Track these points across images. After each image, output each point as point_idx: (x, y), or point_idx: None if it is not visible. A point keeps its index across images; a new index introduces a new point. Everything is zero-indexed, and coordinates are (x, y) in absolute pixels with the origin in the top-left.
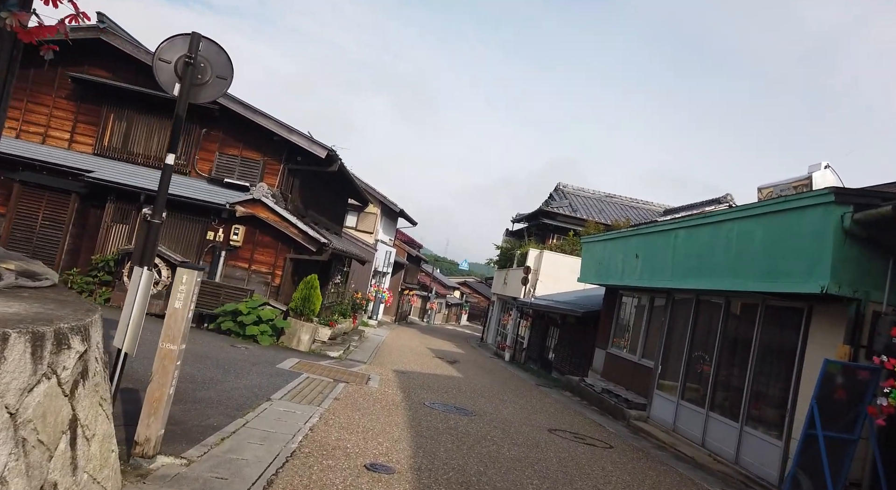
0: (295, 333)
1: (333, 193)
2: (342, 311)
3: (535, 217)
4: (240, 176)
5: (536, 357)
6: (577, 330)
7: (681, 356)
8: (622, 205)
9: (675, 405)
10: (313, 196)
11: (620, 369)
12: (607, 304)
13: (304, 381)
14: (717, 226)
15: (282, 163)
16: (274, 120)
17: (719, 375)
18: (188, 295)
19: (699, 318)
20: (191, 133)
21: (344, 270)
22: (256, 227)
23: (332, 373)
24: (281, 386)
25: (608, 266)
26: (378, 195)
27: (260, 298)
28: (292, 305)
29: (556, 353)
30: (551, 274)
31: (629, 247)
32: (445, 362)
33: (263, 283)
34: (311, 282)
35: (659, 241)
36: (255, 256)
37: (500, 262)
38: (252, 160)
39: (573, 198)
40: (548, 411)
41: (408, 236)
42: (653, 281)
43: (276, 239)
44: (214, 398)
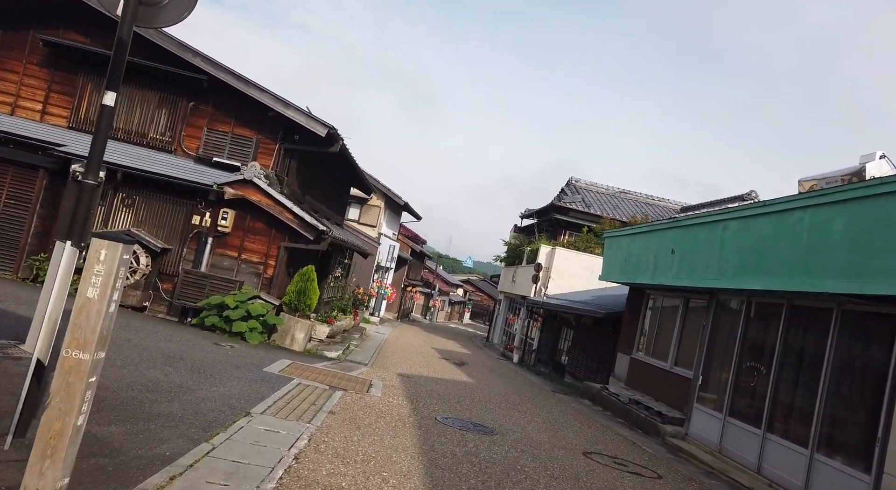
0: (288, 331)
1: (335, 180)
2: (342, 307)
3: (546, 212)
4: (230, 155)
5: (547, 360)
6: (594, 332)
7: (728, 366)
8: (637, 201)
9: (721, 422)
10: (312, 181)
11: (648, 377)
12: (632, 304)
13: (294, 388)
14: (782, 215)
15: (277, 142)
16: (269, 93)
17: (780, 392)
18: (110, 279)
19: (752, 323)
20: (176, 106)
21: (345, 263)
22: (247, 212)
23: (329, 377)
24: (265, 395)
25: (636, 263)
26: (382, 187)
27: (249, 291)
28: (286, 300)
29: (570, 357)
30: (564, 272)
31: (664, 241)
32: (453, 364)
33: (254, 275)
34: (307, 274)
35: (702, 234)
36: (245, 244)
37: (507, 259)
38: (244, 138)
39: (586, 193)
40: (573, 426)
41: (412, 231)
42: (693, 280)
43: (269, 225)
44: (177, 413)
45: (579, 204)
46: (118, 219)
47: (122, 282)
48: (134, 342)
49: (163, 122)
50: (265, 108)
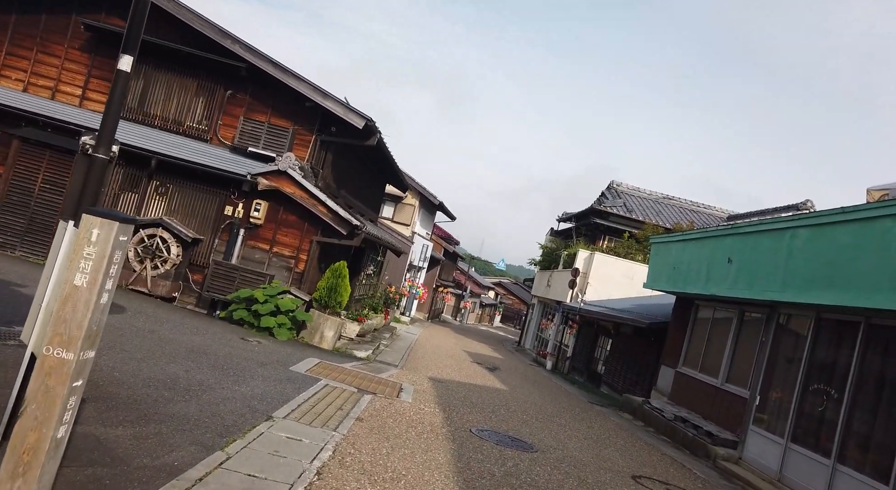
0: (318, 328)
1: (370, 176)
2: (373, 306)
3: (584, 216)
4: (266, 145)
5: (583, 368)
6: (634, 342)
7: (790, 387)
8: (681, 208)
9: (783, 448)
10: (348, 175)
11: (695, 393)
12: (679, 315)
13: (321, 389)
14: (867, 224)
15: (314, 133)
16: (307, 82)
17: (854, 419)
18: (102, 264)
19: (821, 341)
20: (214, 94)
21: (378, 260)
22: (280, 204)
23: (358, 379)
24: (290, 397)
25: (686, 271)
26: (417, 186)
27: (279, 285)
28: (316, 296)
29: (607, 367)
30: (603, 278)
31: (719, 249)
32: (485, 369)
33: (285, 269)
34: (339, 270)
35: (765, 242)
36: (277, 237)
37: (542, 262)
38: (280, 128)
39: (628, 197)
40: (616, 444)
41: (445, 232)
42: (752, 292)
43: (301, 218)
44: (193, 415)
45: (621, 208)
46: (151, 207)
47: (117, 267)
48: (158, 334)
49: (200, 110)
50: (302, 98)
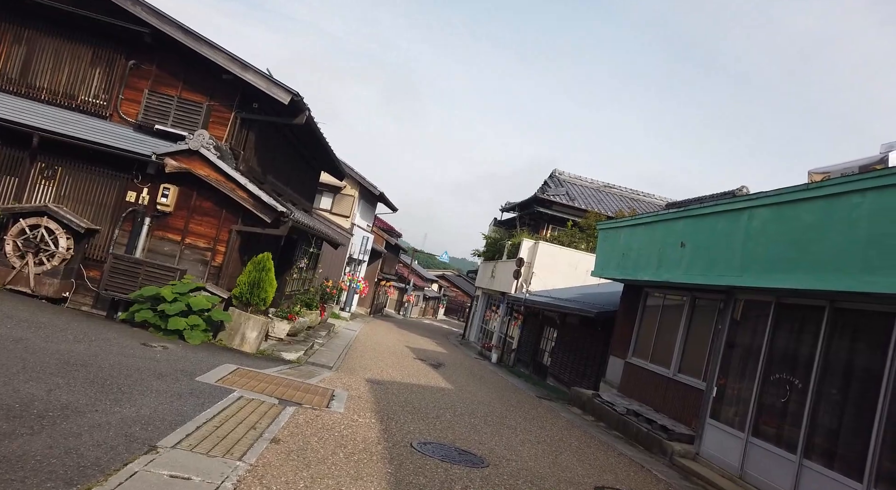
0: (238, 329)
1: (302, 162)
2: (307, 302)
3: (528, 205)
4: (176, 122)
5: (528, 360)
6: (581, 332)
7: (751, 377)
8: (622, 196)
9: (743, 443)
10: (276, 160)
11: (646, 384)
12: (627, 303)
13: (231, 404)
14: (834, 201)
15: (233, 110)
16: (223, 51)
17: (821, 411)
18: None
19: (782, 327)
20: (113, 65)
21: (312, 253)
22: (193, 189)
23: (281, 388)
24: (189, 417)
25: (637, 257)
26: (356, 176)
27: (192, 281)
28: (236, 292)
29: (553, 358)
30: (547, 267)
31: (671, 233)
32: (429, 366)
33: (200, 262)
34: (262, 262)
35: (721, 224)
36: (190, 227)
37: (486, 253)
38: (193, 103)
39: (570, 186)
40: (571, 446)
41: (387, 224)
42: (708, 277)
43: (218, 205)
44: (36, 454)
45: (563, 197)
46: (36, 193)
47: None
48: (25, 343)
49: (96, 82)
50: (218, 69)
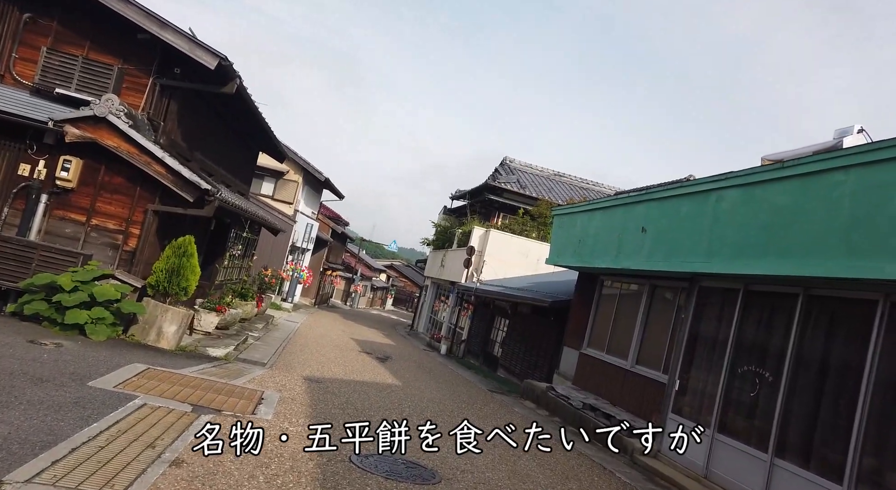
0: (154, 322)
1: (237, 140)
2: (242, 292)
3: (479, 193)
4: (82, 86)
5: (478, 351)
6: (533, 323)
7: (716, 369)
8: (572, 185)
9: (709, 440)
10: (205, 137)
11: (603, 377)
12: (582, 292)
13: (130, 414)
14: (811, 180)
15: (151, 75)
16: (137, 6)
17: (795, 406)
18: None
19: (750, 316)
20: (4, 19)
21: (248, 239)
22: (101, 162)
23: (199, 391)
24: (65, 435)
25: (594, 244)
26: (301, 160)
27: (96, 268)
28: (152, 280)
29: (505, 349)
30: (498, 256)
31: (631, 217)
32: (375, 360)
33: (110, 247)
34: (183, 247)
35: (685, 207)
36: (97, 205)
37: (436, 242)
38: (102, 65)
39: (521, 174)
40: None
41: (333, 212)
42: (672, 263)
43: (131, 181)
44: None
45: (514, 185)
46: None
47: None
48: None
49: None
50: (133, 27)
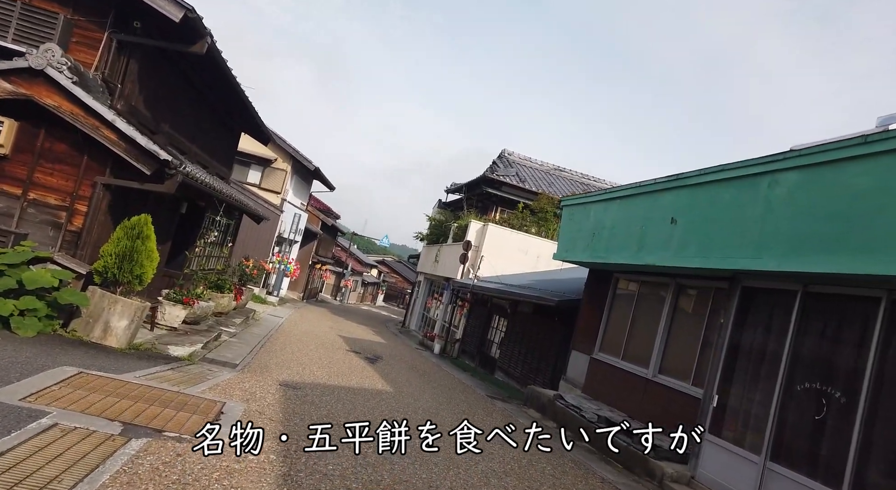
0: (100, 316)
1: (215, 118)
2: (219, 283)
3: (476, 186)
4: (20, 37)
5: (474, 352)
6: (536, 323)
7: (767, 385)
8: (573, 180)
9: (759, 470)
10: (176, 109)
11: (618, 386)
12: (593, 291)
13: (23, 443)
14: None
15: (106, 29)
16: None
17: (878, 434)
18: None
19: (813, 322)
20: None
21: (221, 222)
22: (40, 126)
23: (141, 402)
24: None
25: (610, 237)
26: (289, 148)
27: (30, 249)
28: (99, 266)
29: (503, 351)
30: (497, 252)
31: (657, 207)
32: (364, 360)
33: (51, 225)
34: (137, 227)
35: (728, 193)
36: (35, 176)
37: (430, 236)
38: (45, 13)
39: (520, 167)
40: (543, 469)
41: (324, 204)
42: (709, 259)
43: (77, 149)
44: None
45: (514, 178)
46: None
47: None
48: None
49: None
50: None
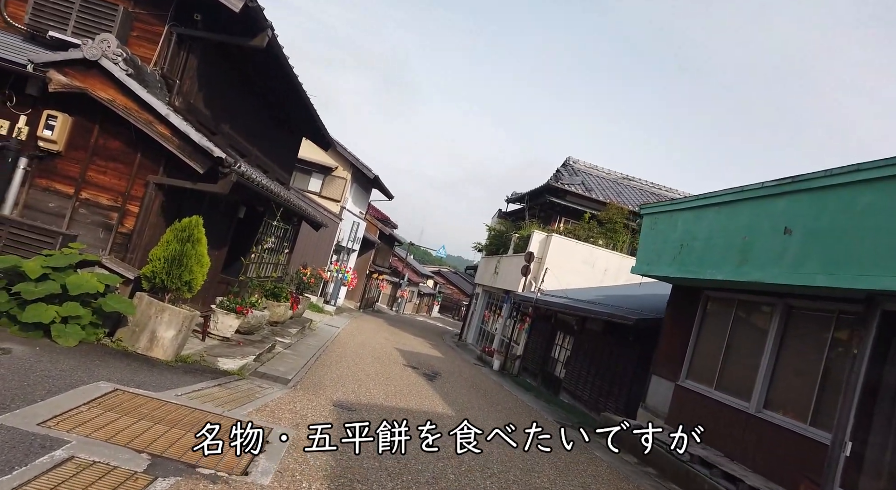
0: (146, 325)
1: (275, 120)
2: (273, 291)
3: (538, 195)
4: (80, 30)
5: (536, 370)
6: (607, 342)
7: None
8: (642, 190)
9: None
10: (234, 108)
11: (711, 419)
12: (677, 310)
13: (38, 476)
14: None
15: (167, 22)
16: None
17: None
18: None
19: None
20: None
21: (281, 228)
22: (94, 120)
23: (175, 428)
24: None
25: (703, 249)
26: (350, 157)
27: (77, 252)
28: (147, 271)
29: (569, 370)
30: (561, 264)
31: (765, 215)
32: (422, 377)
33: (103, 227)
34: (187, 229)
35: (867, 198)
36: (89, 175)
37: (489, 247)
38: (105, 5)
39: (586, 176)
40: None
41: (382, 213)
42: (840, 277)
43: (131, 146)
44: None
45: (579, 187)
46: None
47: None
48: None
49: None
50: None
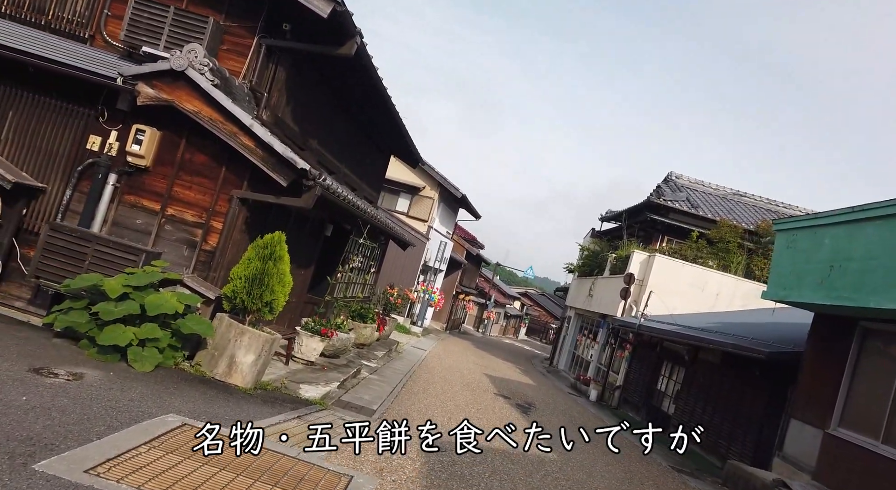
0: (225, 348)
1: (363, 136)
2: (360, 313)
3: (637, 212)
4: (172, 44)
5: (639, 403)
6: (728, 377)
7: None
8: (756, 206)
9: None
10: (322, 123)
11: (875, 477)
12: (824, 343)
13: None
14: None
15: (256, 34)
16: None
17: None
18: None
19: None
20: None
21: (368, 247)
22: (181, 134)
23: (239, 479)
24: None
25: (860, 272)
26: (437, 176)
27: (159, 270)
28: (227, 291)
29: (680, 406)
30: (664, 287)
31: None
32: (515, 408)
33: (187, 244)
34: (269, 247)
35: None
36: (174, 190)
37: (582, 268)
38: (196, 17)
39: (690, 192)
40: None
41: (469, 233)
42: None
43: (216, 160)
44: None
45: (683, 203)
46: None
47: None
48: None
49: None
50: None
